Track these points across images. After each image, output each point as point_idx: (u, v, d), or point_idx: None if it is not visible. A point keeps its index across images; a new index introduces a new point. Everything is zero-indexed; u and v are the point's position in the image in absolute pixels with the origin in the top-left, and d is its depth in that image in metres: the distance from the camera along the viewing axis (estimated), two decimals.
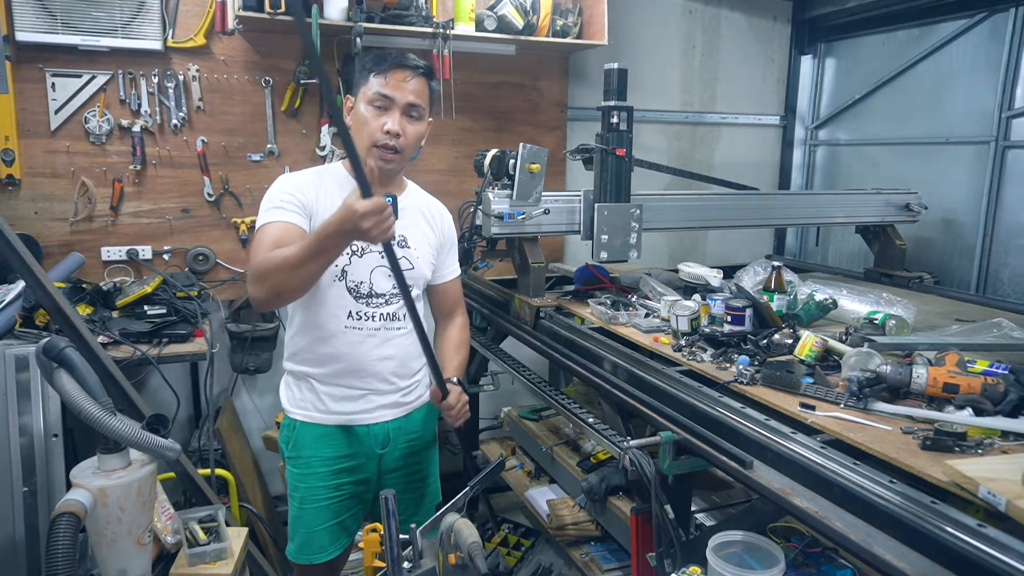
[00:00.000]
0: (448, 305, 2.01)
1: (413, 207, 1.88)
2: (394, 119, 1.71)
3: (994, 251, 3.18)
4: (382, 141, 1.71)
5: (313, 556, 1.84)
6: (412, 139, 1.76)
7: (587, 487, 2.13)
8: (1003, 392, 1.49)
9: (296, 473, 1.84)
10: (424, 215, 1.90)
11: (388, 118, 1.71)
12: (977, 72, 3.20)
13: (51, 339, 1.31)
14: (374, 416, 1.83)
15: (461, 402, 1.79)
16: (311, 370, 1.81)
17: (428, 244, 1.89)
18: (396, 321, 1.82)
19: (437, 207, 1.95)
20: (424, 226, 1.89)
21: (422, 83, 1.75)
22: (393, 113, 1.71)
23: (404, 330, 1.83)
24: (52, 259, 2.66)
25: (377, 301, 1.79)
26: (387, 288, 1.79)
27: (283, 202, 1.70)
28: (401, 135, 1.72)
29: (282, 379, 1.91)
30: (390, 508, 1.27)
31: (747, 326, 2.05)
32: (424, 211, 1.90)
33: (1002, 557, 1.03)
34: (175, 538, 1.51)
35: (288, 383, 1.88)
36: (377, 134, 1.71)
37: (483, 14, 2.96)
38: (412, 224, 1.86)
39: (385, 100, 1.71)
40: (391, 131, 1.71)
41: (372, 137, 1.71)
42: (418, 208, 1.89)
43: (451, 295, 2.01)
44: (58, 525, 1.16)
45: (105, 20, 2.63)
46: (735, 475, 1.47)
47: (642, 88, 3.47)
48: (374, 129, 1.71)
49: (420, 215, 1.89)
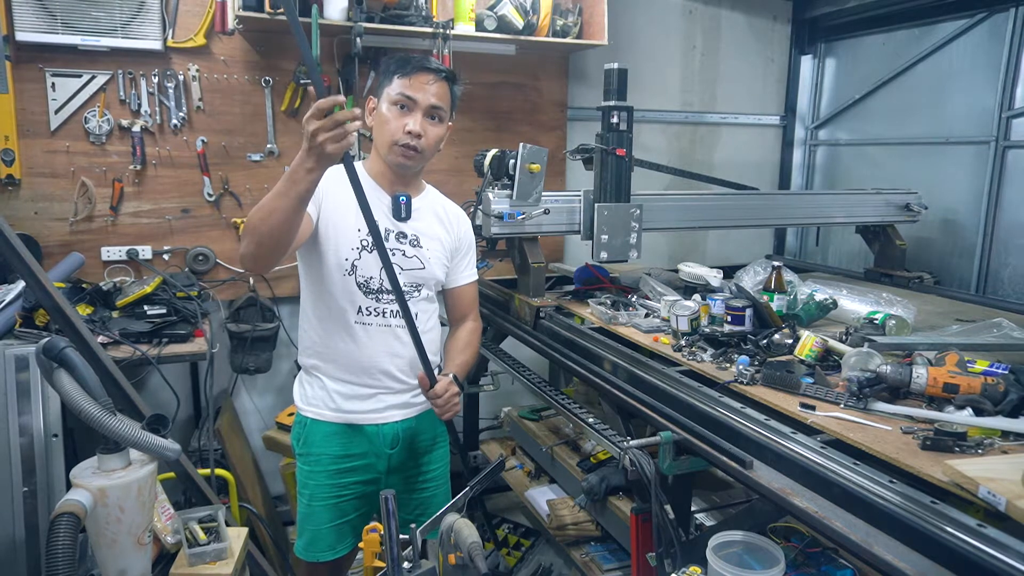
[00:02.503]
0: (462, 310, 2.01)
1: (428, 208, 1.89)
2: (416, 120, 1.73)
3: (994, 251, 3.18)
4: (403, 140, 1.74)
5: (320, 554, 1.85)
6: (432, 140, 1.78)
7: (587, 487, 2.13)
8: (1003, 392, 1.49)
9: (306, 470, 1.86)
10: (439, 217, 1.91)
11: (410, 119, 1.74)
12: (977, 72, 3.20)
13: (51, 339, 1.31)
14: (384, 416, 1.84)
15: (449, 392, 1.77)
16: (321, 364, 1.83)
17: (441, 245, 1.89)
18: None
19: (455, 210, 1.96)
20: (438, 227, 1.90)
21: (444, 87, 1.77)
22: (415, 114, 1.74)
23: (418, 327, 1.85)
24: (52, 259, 2.66)
25: (388, 297, 1.79)
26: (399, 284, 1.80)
27: None
28: (422, 136, 1.74)
29: (296, 376, 1.93)
30: (390, 508, 1.27)
31: (747, 326, 2.05)
32: (440, 213, 1.91)
33: (1002, 557, 1.03)
34: (175, 538, 1.51)
35: (301, 380, 1.90)
36: (398, 134, 1.73)
37: (483, 14, 2.96)
38: (426, 224, 1.87)
39: (408, 101, 1.73)
40: (412, 131, 1.73)
41: (393, 136, 1.74)
42: (433, 210, 1.90)
43: (466, 300, 2.01)
44: (58, 525, 1.16)
45: (105, 20, 2.63)
46: (735, 475, 1.47)
47: (642, 88, 3.47)
48: (395, 129, 1.73)
49: (435, 216, 1.90)
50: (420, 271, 1.83)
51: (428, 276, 1.86)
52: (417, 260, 1.82)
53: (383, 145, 1.77)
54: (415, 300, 1.84)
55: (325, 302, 1.78)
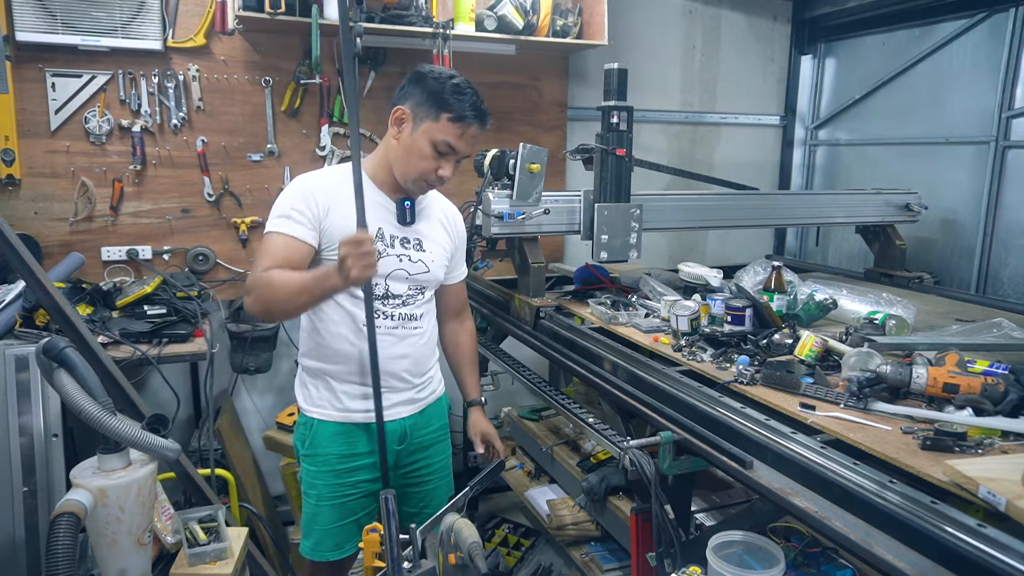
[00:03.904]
0: (456, 306, 2.06)
1: (430, 211, 1.90)
2: (450, 166, 1.74)
3: (994, 251, 3.18)
4: (432, 181, 1.75)
5: (328, 553, 1.85)
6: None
7: (587, 487, 2.13)
8: (1003, 392, 1.49)
9: (312, 471, 1.86)
10: (441, 220, 1.92)
11: (445, 164, 1.73)
12: (977, 72, 3.20)
13: (51, 339, 1.32)
14: (391, 413, 1.84)
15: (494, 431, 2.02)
16: (327, 367, 1.82)
17: (443, 248, 1.90)
18: (413, 321, 1.84)
19: (452, 210, 1.98)
20: (441, 231, 1.91)
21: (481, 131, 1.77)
22: (451, 160, 1.73)
23: (420, 330, 1.87)
24: (52, 259, 2.66)
25: (394, 302, 1.80)
26: (403, 290, 1.82)
27: (293, 210, 1.70)
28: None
29: (296, 376, 1.93)
30: (390, 508, 1.27)
31: (747, 326, 2.05)
32: (441, 215, 1.92)
33: (1002, 557, 1.03)
34: (175, 538, 1.51)
35: (304, 381, 1.89)
36: (431, 175, 1.73)
37: (483, 14, 2.96)
38: (430, 227, 1.87)
39: (451, 151, 1.72)
40: (444, 177, 1.74)
41: (424, 175, 1.73)
42: (435, 213, 1.91)
43: (460, 296, 2.07)
44: (58, 525, 1.16)
45: (105, 20, 2.63)
46: (735, 475, 1.47)
47: (642, 88, 3.47)
48: (428, 169, 1.72)
49: (437, 220, 1.91)
50: (425, 274, 1.84)
51: (432, 278, 1.87)
52: (422, 264, 1.83)
53: (407, 173, 1.74)
54: (418, 303, 1.85)
55: (330, 309, 1.78)
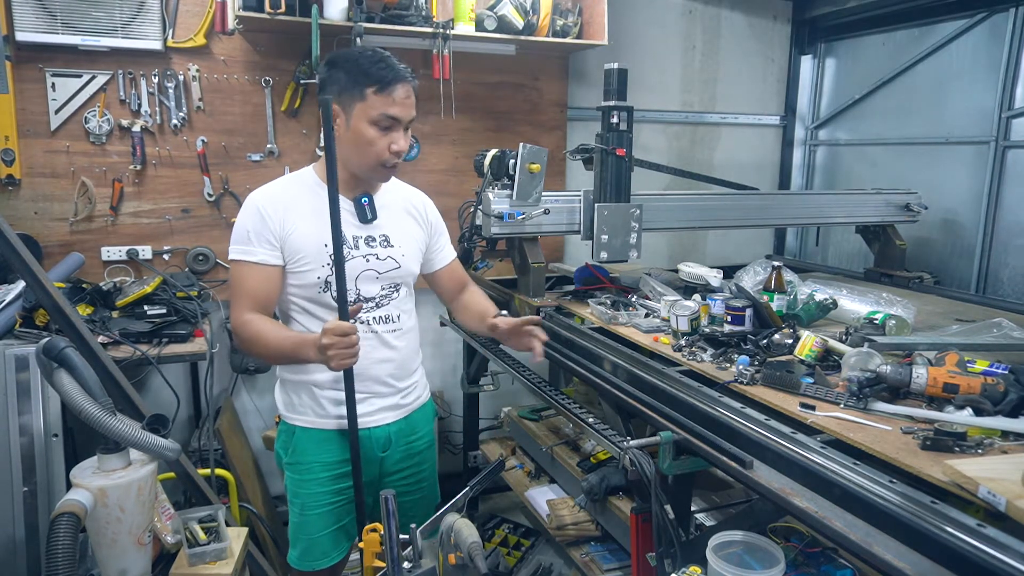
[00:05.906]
0: (456, 284, 2.02)
1: (394, 204, 1.85)
2: (401, 137, 1.69)
3: (994, 251, 3.18)
4: (392, 162, 1.70)
5: (316, 562, 1.82)
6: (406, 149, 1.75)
7: (587, 487, 2.13)
8: (1003, 392, 1.49)
9: (296, 479, 1.82)
10: (407, 210, 1.88)
11: (395, 136, 1.68)
12: (977, 72, 3.20)
13: (51, 339, 1.32)
14: (375, 419, 1.82)
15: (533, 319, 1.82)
16: (307, 377, 1.78)
17: (413, 239, 1.86)
18: (391, 323, 1.81)
19: (419, 198, 1.93)
20: (408, 221, 1.87)
21: (413, 90, 1.72)
22: (398, 131, 1.69)
23: (400, 331, 1.82)
24: (52, 259, 2.66)
25: (367, 305, 1.77)
26: (375, 291, 1.78)
27: (251, 234, 1.68)
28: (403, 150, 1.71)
29: (276, 383, 1.89)
30: (390, 508, 1.27)
31: (747, 326, 2.05)
32: (406, 206, 1.88)
33: (1002, 557, 1.03)
34: (175, 538, 1.51)
35: (285, 388, 1.85)
36: (385, 154, 1.68)
37: (483, 14, 2.96)
38: (394, 221, 1.83)
39: (392, 122, 1.67)
40: (401, 150, 1.69)
41: (380, 158, 1.69)
42: (399, 204, 1.87)
43: (456, 274, 2.03)
44: (58, 525, 1.16)
45: (105, 20, 2.63)
46: (735, 475, 1.46)
47: (642, 88, 3.47)
48: (381, 150, 1.68)
49: (403, 211, 1.86)
50: (396, 271, 1.80)
51: (405, 274, 1.83)
52: (392, 260, 1.79)
53: (364, 164, 1.70)
54: (395, 301, 1.82)
55: (306, 318, 1.76)
